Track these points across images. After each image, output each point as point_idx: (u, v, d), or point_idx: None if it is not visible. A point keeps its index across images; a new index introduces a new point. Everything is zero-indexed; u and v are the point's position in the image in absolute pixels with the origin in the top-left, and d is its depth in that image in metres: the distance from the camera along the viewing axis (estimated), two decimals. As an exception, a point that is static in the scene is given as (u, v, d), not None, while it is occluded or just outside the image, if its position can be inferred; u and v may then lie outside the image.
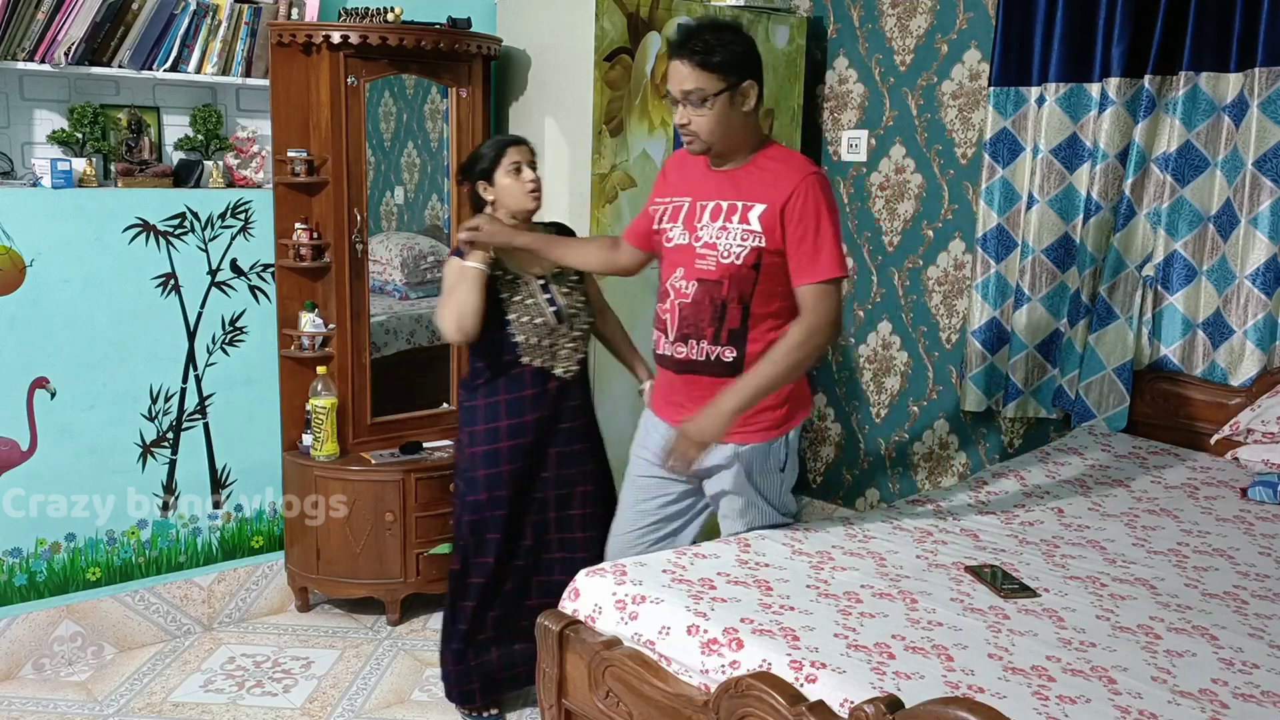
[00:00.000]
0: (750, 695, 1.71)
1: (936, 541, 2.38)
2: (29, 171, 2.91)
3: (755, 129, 2.29)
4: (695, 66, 2.17)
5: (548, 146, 3.44)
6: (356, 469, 3.25)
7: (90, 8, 2.82)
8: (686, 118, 2.22)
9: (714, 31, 2.19)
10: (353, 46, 3.09)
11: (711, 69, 2.16)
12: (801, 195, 2.19)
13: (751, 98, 2.23)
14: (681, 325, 2.32)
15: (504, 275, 2.64)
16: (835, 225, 2.21)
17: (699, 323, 2.29)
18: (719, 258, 2.25)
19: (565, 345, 2.70)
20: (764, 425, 2.32)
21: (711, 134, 2.22)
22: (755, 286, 2.24)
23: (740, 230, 2.23)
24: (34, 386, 2.93)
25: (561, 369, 2.70)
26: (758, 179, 2.25)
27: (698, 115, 2.20)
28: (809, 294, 2.20)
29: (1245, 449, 2.87)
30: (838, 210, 2.27)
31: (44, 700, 2.91)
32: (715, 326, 2.27)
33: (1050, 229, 3.33)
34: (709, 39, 2.17)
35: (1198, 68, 3.03)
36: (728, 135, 2.23)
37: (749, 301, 2.25)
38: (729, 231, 2.24)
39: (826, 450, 4.19)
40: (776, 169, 2.25)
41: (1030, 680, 1.72)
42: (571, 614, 2.13)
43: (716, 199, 2.28)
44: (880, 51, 3.83)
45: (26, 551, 2.99)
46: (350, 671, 3.09)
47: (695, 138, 2.24)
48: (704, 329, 2.29)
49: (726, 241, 2.24)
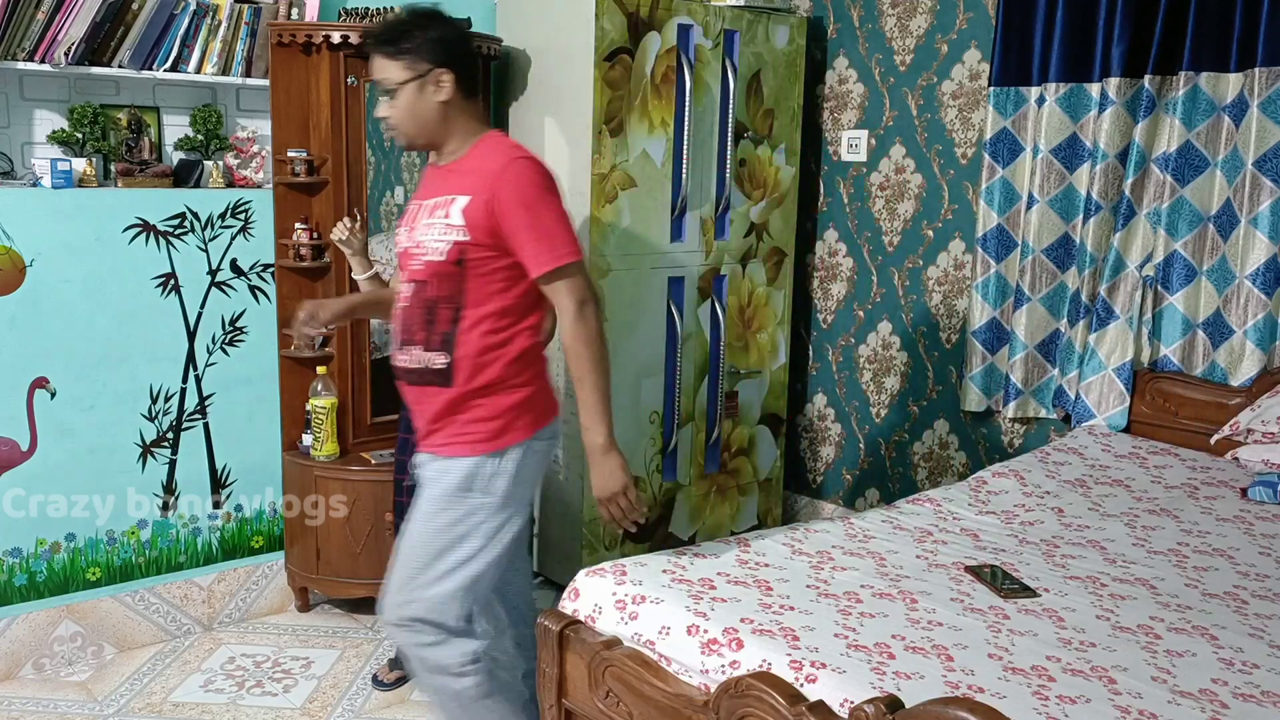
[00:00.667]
0: (750, 695, 1.71)
1: (936, 541, 2.38)
2: (29, 171, 2.91)
3: (465, 120, 2.17)
4: (382, 57, 2.10)
5: (548, 146, 3.45)
6: (356, 469, 3.25)
7: (90, 8, 2.82)
8: (383, 110, 2.15)
9: (404, 21, 2.12)
10: (353, 46, 3.09)
11: (397, 58, 2.08)
12: (508, 183, 2.07)
13: (447, 86, 2.11)
14: (400, 331, 2.22)
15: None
16: (553, 207, 2.09)
17: (412, 327, 2.18)
18: (425, 256, 2.15)
19: None
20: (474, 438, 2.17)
21: (402, 125, 2.14)
22: (464, 285, 2.12)
23: (442, 225, 2.12)
24: (34, 386, 2.93)
25: None
26: (465, 171, 2.14)
27: (389, 107, 2.13)
28: (546, 287, 2.11)
29: (1245, 449, 2.87)
30: (556, 191, 2.13)
31: (44, 700, 2.91)
32: (426, 331, 2.16)
33: (1050, 229, 3.33)
34: (396, 28, 2.10)
35: (1198, 68, 3.03)
36: (423, 127, 2.14)
37: (460, 302, 2.13)
38: (433, 228, 2.13)
39: (826, 450, 4.19)
40: (483, 159, 2.13)
41: (1030, 680, 1.72)
42: (571, 614, 2.13)
43: (434, 196, 2.18)
44: (880, 51, 3.83)
45: (26, 551, 2.99)
46: (350, 671, 3.09)
47: (392, 130, 2.18)
48: (416, 333, 2.18)
49: (431, 239, 2.13)
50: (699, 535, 3.82)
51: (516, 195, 2.07)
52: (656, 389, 3.61)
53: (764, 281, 3.88)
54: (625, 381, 3.51)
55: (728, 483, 3.93)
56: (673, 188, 3.51)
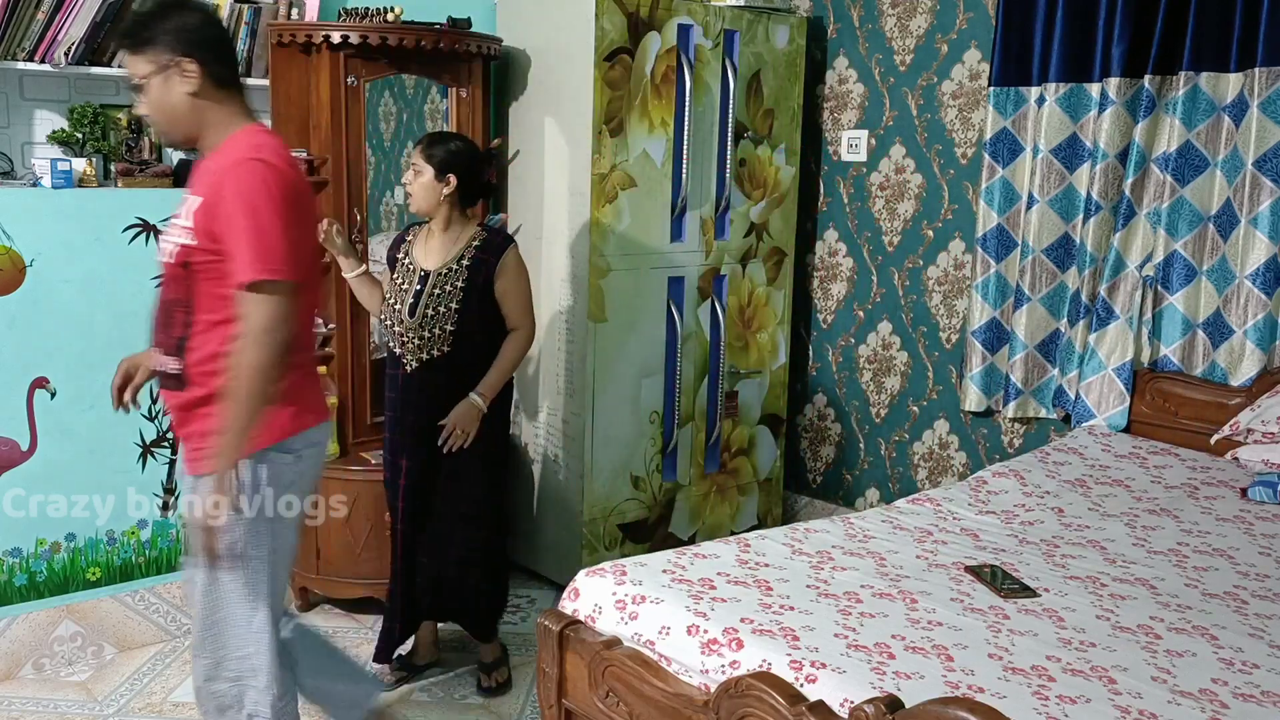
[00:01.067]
0: (750, 695, 1.71)
1: (936, 541, 2.38)
2: (29, 171, 2.91)
3: (219, 111, 2.04)
4: (126, 52, 2.01)
5: (548, 146, 3.45)
6: (356, 469, 3.25)
7: (90, 8, 2.82)
8: (139, 107, 2.06)
9: (144, 13, 2.02)
10: (353, 46, 3.09)
11: (140, 51, 1.99)
12: (231, 185, 1.93)
13: (194, 77, 1.98)
14: (152, 334, 2.13)
15: (403, 259, 2.84)
16: (264, 218, 1.91)
17: (155, 329, 2.10)
18: (162, 258, 2.07)
19: (412, 339, 2.75)
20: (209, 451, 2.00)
21: (156, 120, 2.06)
22: (193, 289, 2.00)
23: (179, 227, 2.02)
24: (34, 386, 2.93)
25: (406, 361, 2.78)
26: (206, 169, 2.04)
27: (141, 102, 2.03)
28: (242, 296, 1.92)
29: (1245, 449, 2.87)
30: (287, 202, 1.95)
31: (44, 700, 2.91)
32: (165, 333, 2.06)
33: (1050, 229, 3.33)
34: (136, 21, 2.01)
35: (1198, 68, 3.03)
36: (175, 120, 2.03)
37: (190, 306, 2.01)
38: (173, 228, 2.04)
39: (826, 450, 4.19)
40: (222, 156, 2.00)
41: (1030, 680, 1.72)
42: (571, 614, 2.13)
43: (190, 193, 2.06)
44: (880, 51, 3.83)
45: (26, 551, 2.99)
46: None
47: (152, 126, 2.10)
48: (157, 335, 2.09)
49: (168, 239, 2.05)
50: (699, 535, 3.82)
51: (238, 199, 1.92)
52: (656, 389, 3.61)
53: (764, 281, 3.88)
54: (625, 381, 3.51)
55: (728, 483, 3.93)
56: (673, 188, 3.51)
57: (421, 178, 2.72)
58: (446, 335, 2.74)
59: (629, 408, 3.53)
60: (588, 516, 3.48)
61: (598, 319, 3.39)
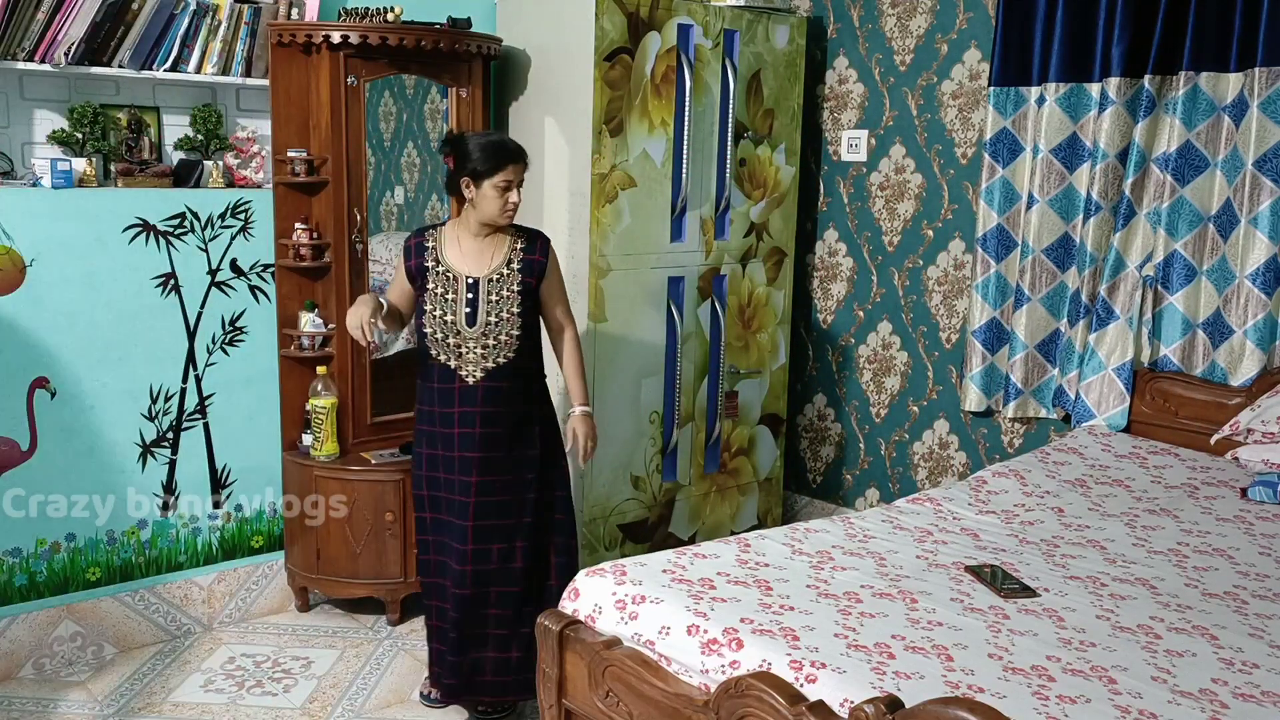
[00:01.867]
0: (750, 695, 1.71)
1: (936, 541, 2.37)
2: (29, 171, 2.91)
3: None
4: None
5: (548, 146, 3.44)
6: (356, 469, 3.25)
7: (90, 8, 2.82)
8: None
9: None
10: (353, 46, 3.09)
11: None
12: None
13: None
14: None
15: (435, 267, 2.66)
16: None
17: None
18: None
19: (474, 350, 2.63)
20: None
21: None
22: None
23: None
24: (34, 386, 2.93)
25: (467, 372, 2.64)
26: None
27: None
28: None
29: (1245, 449, 2.87)
30: None
31: (44, 700, 2.91)
32: None
33: (1050, 229, 3.33)
34: None
35: (1198, 67, 3.03)
36: None
37: None
38: None
39: (826, 450, 4.19)
40: None
41: (1030, 680, 1.72)
42: (571, 614, 2.13)
43: None
44: (880, 51, 3.83)
45: (26, 551, 2.99)
46: (350, 671, 3.09)
47: None
48: None
49: None
50: (699, 535, 3.82)
51: None
52: (656, 389, 3.61)
53: (764, 281, 3.88)
54: (625, 381, 3.51)
55: (728, 483, 3.93)
56: (673, 188, 3.51)
57: (520, 189, 2.66)
58: (512, 340, 2.65)
59: (629, 407, 3.53)
60: (588, 517, 3.48)
61: (598, 319, 3.39)
